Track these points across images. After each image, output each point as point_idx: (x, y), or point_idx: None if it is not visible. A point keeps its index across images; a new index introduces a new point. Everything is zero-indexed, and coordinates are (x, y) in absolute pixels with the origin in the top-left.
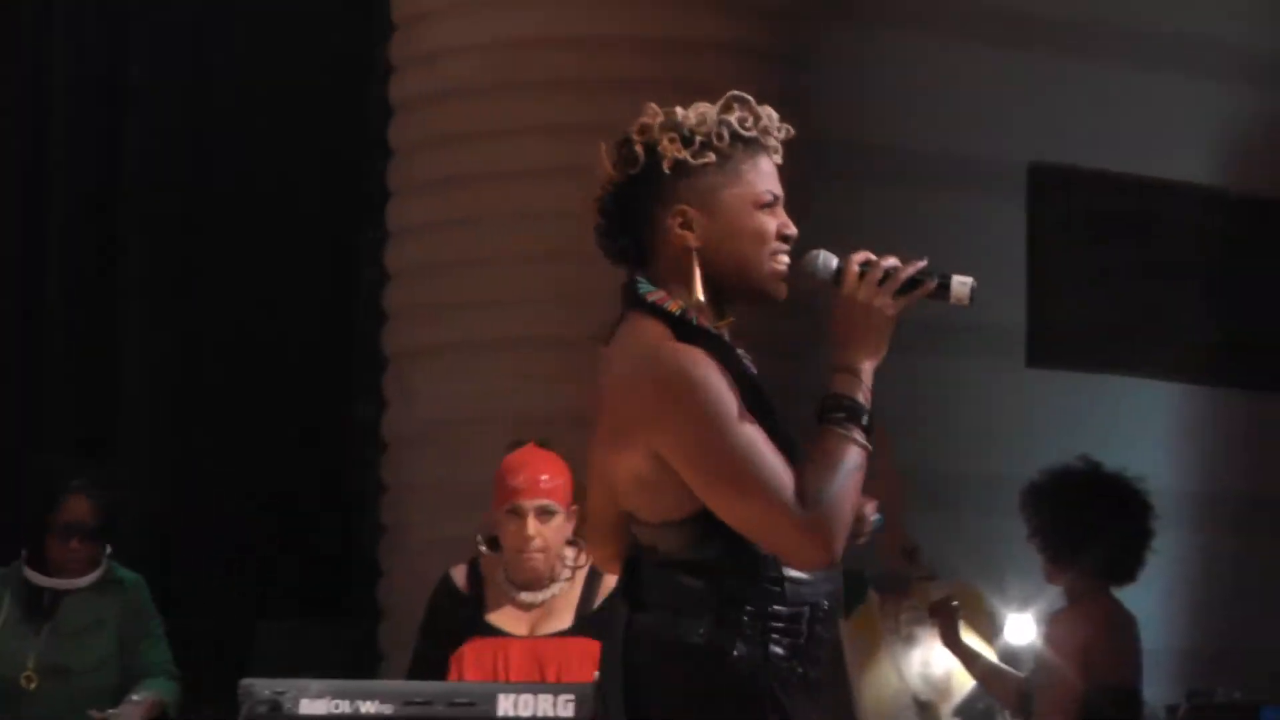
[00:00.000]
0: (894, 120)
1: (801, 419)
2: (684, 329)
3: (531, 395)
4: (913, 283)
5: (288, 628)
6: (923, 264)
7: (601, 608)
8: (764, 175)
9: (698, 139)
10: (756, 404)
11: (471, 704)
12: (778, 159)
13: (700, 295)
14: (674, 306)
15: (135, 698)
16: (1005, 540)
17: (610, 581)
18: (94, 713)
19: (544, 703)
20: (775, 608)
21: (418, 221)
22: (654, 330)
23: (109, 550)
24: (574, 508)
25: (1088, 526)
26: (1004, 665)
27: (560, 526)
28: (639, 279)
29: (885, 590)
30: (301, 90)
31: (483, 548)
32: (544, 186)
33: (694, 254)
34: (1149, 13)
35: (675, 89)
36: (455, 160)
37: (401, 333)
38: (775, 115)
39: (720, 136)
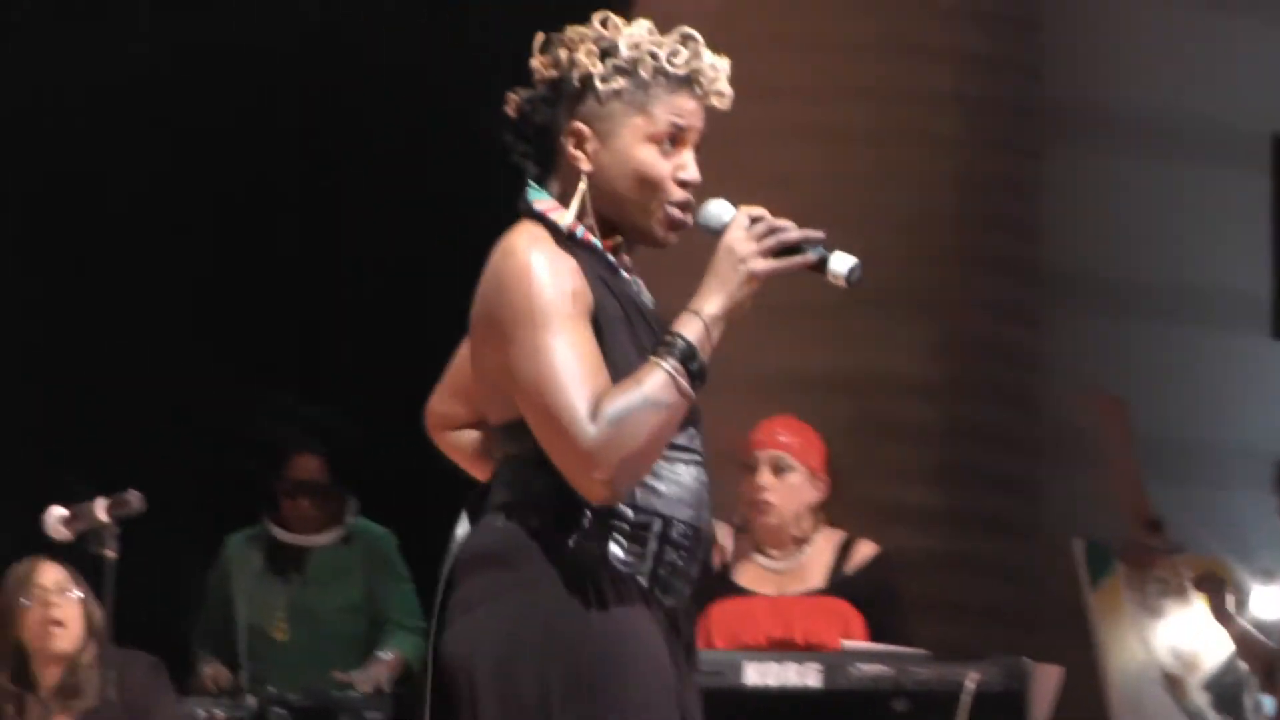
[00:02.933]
0: (1135, 86)
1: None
2: (563, 238)
3: (766, 361)
4: (794, 249)
5: None
6: (817, 234)
7: (855, 574)
8: (675, 113)
9: (614, 60)
10: (629, 329)
11: (718, 673)
12: (704, 104)
13: (569, 219)
14: (560, 218)
15: (382, 655)
16: (1248, 513)
17: (866, 550)
18: (338, 674)
19: (790, 671)
20: (619, 507)
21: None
22: (530, 231)
23: (356, 507)
24: (823, 477)
25: None
26: (1261, 635)
27: (798, 486)
28: (531, 185)
29: (1131, 562)
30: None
31: (736, 518)
32: (772, 148)
33: (582, 177)
34: None
35: (902, 52)
36: None
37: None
38: (724, 67)
39: (639, 62)
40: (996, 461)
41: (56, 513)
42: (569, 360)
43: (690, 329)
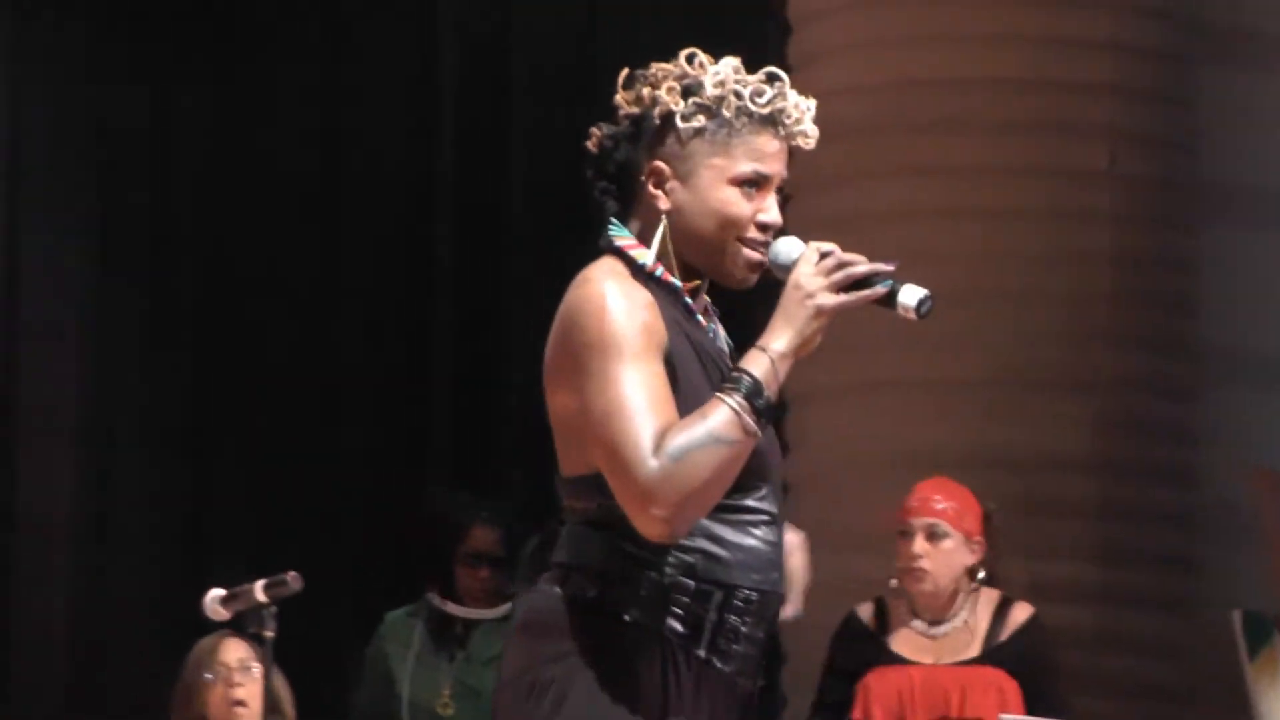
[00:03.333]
0: None
1: None
2: (642, 274)
3: (920, 438)
4: (864, 284)
5: None
6: (887, 267)
7: (1010, 639)
8: (756, 154)
9: (696, 98)
10: (701, 370)
11: None
12: (788, 144)
13: (649, 258)
14: (639, 255)
15: None
16: None
17: (1021, 613)
18: None
19: None
20: (680, 579)
21: None
22: (608, 264)
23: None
24: (978, 540)
25: None
26: None
27: (953, 551)
28: (613, 223)
29: None
30: None
31: (893, 582)
32: (931, 227)
33: (661, 216)
34: None
35: (1056, 130)
36: (843, 201)
37: (799, 375)
38: (809, 108)
39: (723, 101)
40: (1154, 537)
41: (215, 594)
42: (637, 393)
43: (757, 366)
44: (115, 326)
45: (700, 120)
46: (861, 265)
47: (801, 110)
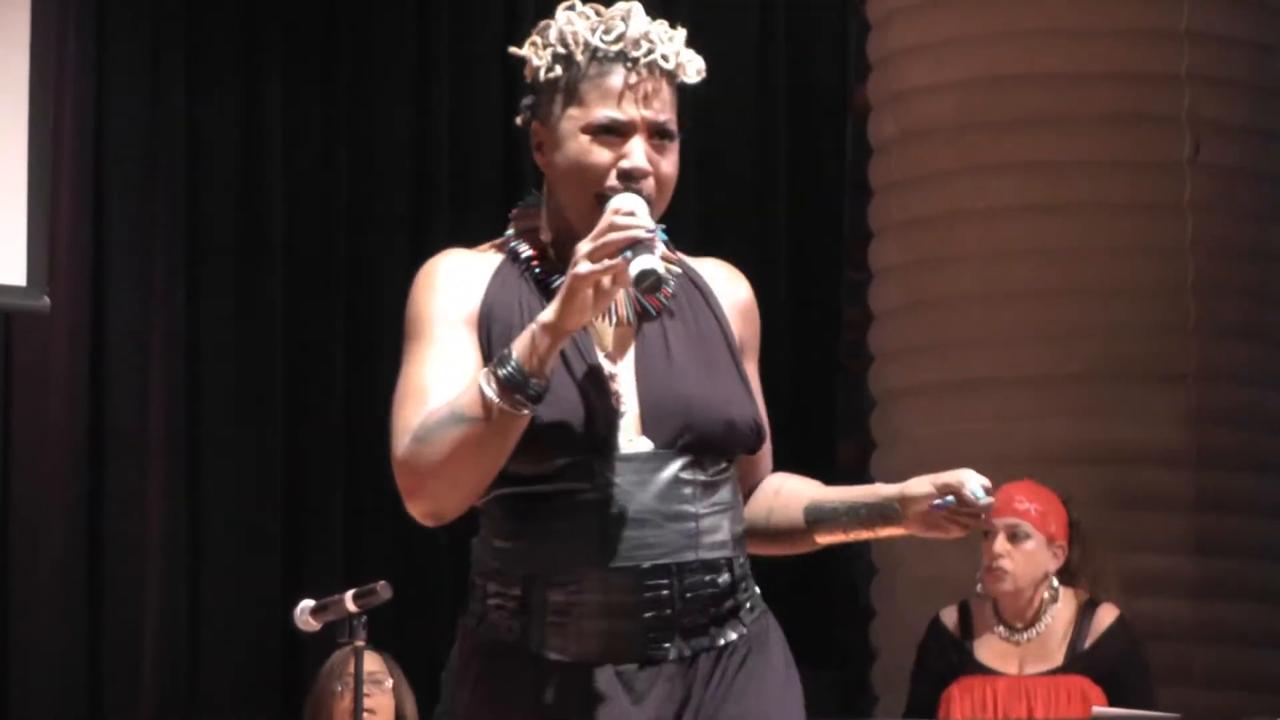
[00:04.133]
0: None
1: None
2: (505, 248)
3: (1013, 434)
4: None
5: None
6: (644, 235)
7: (1095, 646)
8: (609, 96)
9: (552, 47)
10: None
11: None
12: (662, 81)
13: (544, 233)
14: (515, 226)
15: None
16: None
17: (1106, 616)
18: None
19: None
20: (494, 575)
21: (899, 261)
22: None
23: None
24: (1061, 545)
25: None
26: None
27: (1034, 553)
28: (531, 193)
29: None
30: (774, 130)
31: (979, 587)
32: (1016, 223)
33: (545, 182)
34: None
35: (1140, 122)
36: (929, 199)
37: (887, 374)
38: (668, 32)
39: (571, 45)
40: (1249, 527)
41: (305, 605)
42: (418, 375)
43: (519, 339)
44: (203, 340)
45: (557, 70)
46: (618, 234)
47: (654, 37)
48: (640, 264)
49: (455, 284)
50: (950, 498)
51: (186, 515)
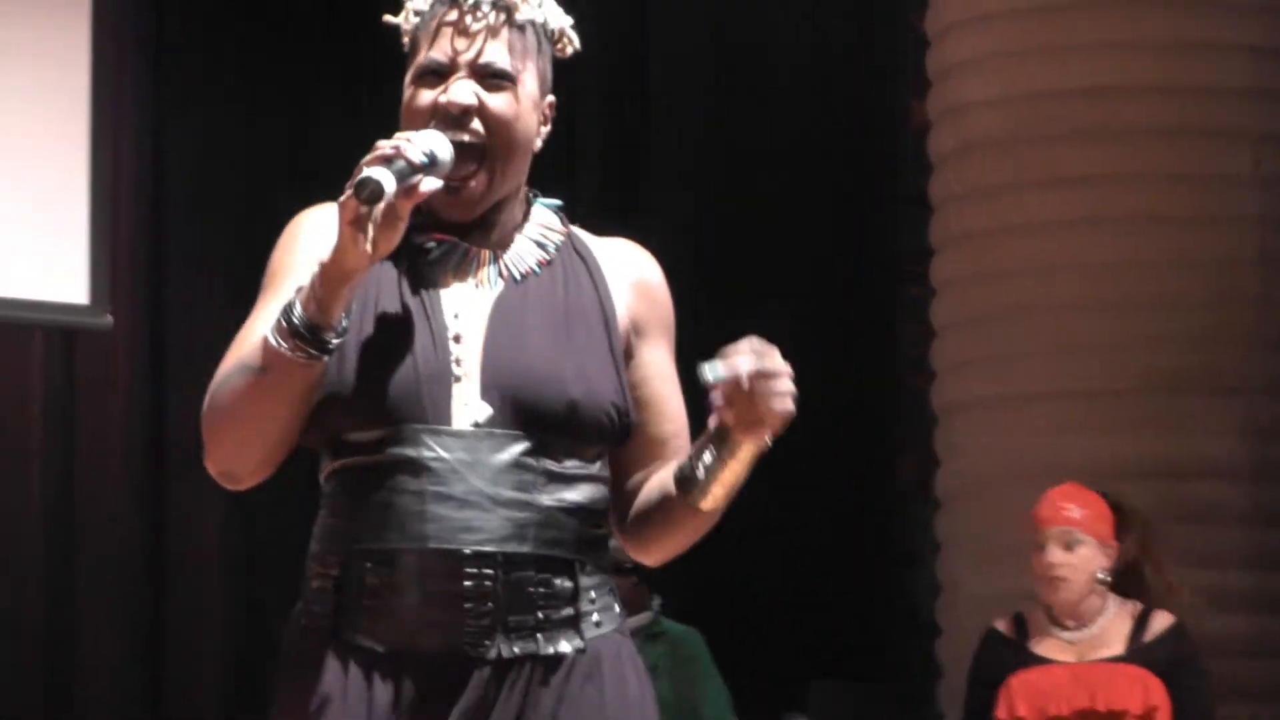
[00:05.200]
0: None
1: None
2: None
3: (1069, 448)
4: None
5: (843, 687)
6: (388, 149)
7: (1153, 642)
8: (433, 38)
9: (408, 9)
10: (367, 305)
11: None
12: (474, 14)
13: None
14: None
15: None
16: None
17: (1163, 620)
18: None
19: None
20: (318, 545)
21: (959, 275)
22: None
23: (658, 603)
24: (1113, 545)
25: None
26: None
27: (1089, 558)
28: None
29: None
30: (828, 146)
31: (1039, 596)
32: (1078, 237)
33: None
34: None
35: (1199, 136)
36: (987, 212)
37: (949, 388)
38: None
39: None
40: None
41: None
42: (250, 328)
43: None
44: None
45: (413, 20)
46: (367, 158)
47: None
48: (368, 173)
49: (317, 239)
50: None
51: (242, 526)
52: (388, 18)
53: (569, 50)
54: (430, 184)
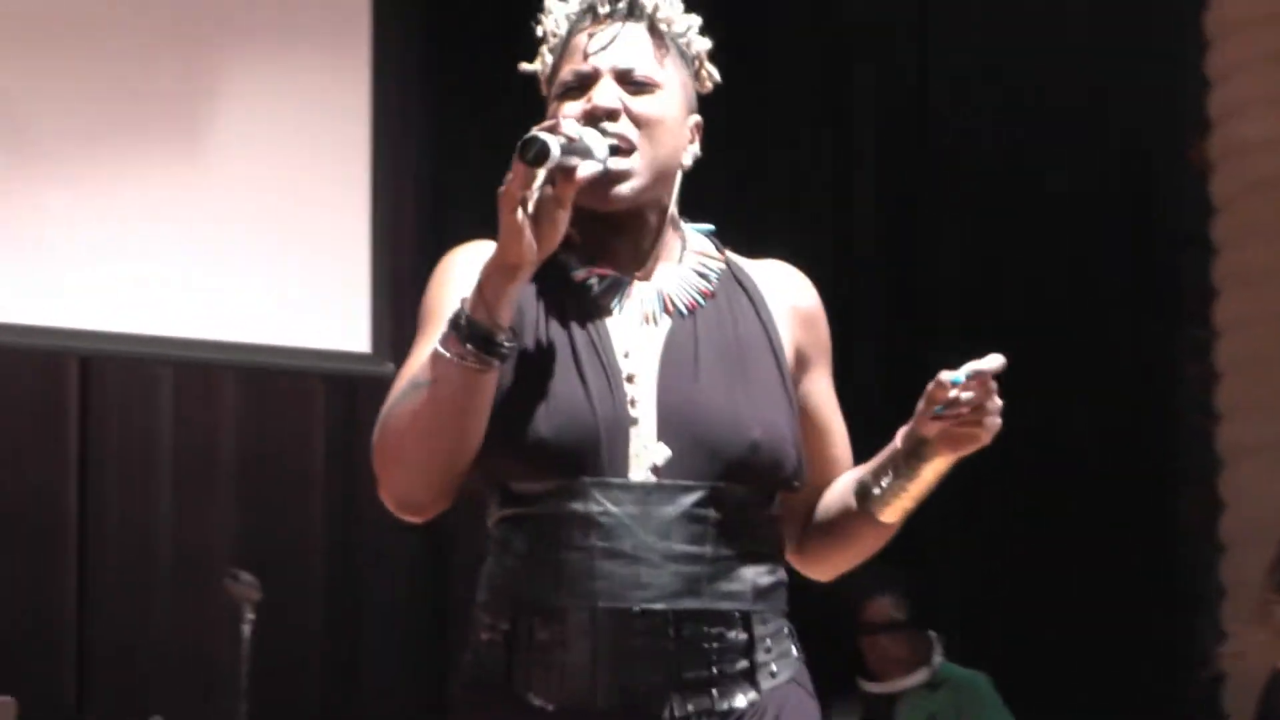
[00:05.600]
0: None
1: None
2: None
3: None
4: (540, 154)
5: None
6: (566, 128)
7: None
8: (573, 54)
9: (545, 45)
10: (533, 329)
11: None
12: (614, 26)
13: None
14: None
15: None
16: None
17: None
18: None
19: None
20: (487, 595)
21: (1244, 316)
22: None
23: (941, 647)
24: None
25: None
26: None
27: None
28: None
29: None
30: (1109, 187)
31: None
32: None
33: None
34: None
35: None
36: (1271, 253)
37: (1236, 430)
38: None
39: (549, 34)
40: None
41: None
42: (411, 365)
43: (470, 298)
44: None
45: (548, 59)
46: (548, 131)
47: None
48: (534, 132)
49: (471, 274)
50: (940, 407)
51: (343, 551)
52: (524, 65)
53: (709, 84)
54: (589, 168)
